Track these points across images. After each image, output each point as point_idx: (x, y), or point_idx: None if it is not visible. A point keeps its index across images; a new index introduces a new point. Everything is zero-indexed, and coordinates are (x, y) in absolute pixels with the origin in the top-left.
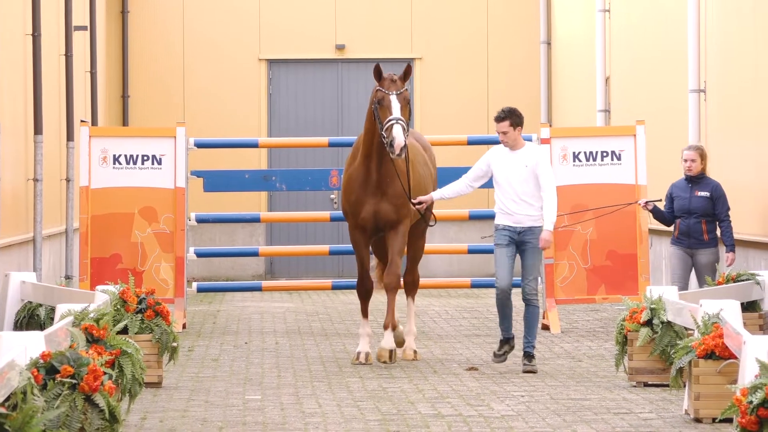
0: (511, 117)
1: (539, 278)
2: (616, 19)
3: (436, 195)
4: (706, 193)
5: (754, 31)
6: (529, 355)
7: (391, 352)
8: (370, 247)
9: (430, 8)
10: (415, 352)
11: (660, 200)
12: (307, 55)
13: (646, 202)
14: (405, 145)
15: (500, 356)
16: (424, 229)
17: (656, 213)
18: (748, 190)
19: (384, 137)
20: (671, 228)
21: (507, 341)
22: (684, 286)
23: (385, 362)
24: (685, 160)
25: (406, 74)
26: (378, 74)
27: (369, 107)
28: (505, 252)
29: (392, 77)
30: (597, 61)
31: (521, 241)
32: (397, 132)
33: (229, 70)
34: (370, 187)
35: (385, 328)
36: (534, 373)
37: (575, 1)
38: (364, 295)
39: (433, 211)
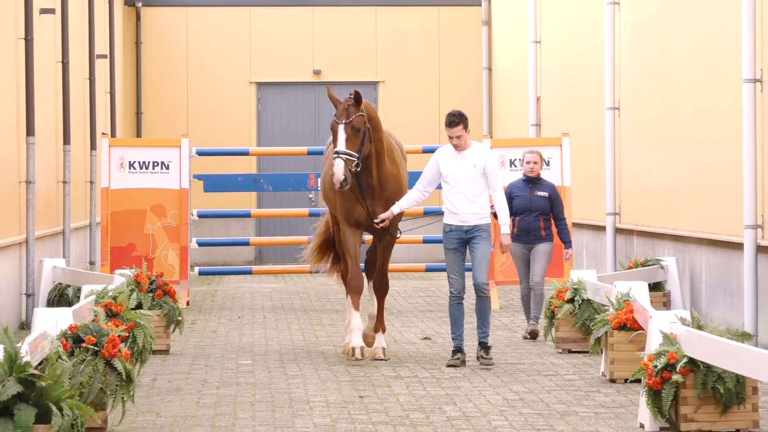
0: (463, 120)
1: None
2: (545, 49)
3: (395, 209)
4: (545, 193)
5: (661, 56)
6: (485, 347)
7: (383, 349)
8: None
9: (392, 39)
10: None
11: None
12: (290, 78)
13: (491, 207)
14: (345, 179)
15: (453, 363)
16: (391, 240)
17: (496, 213)
18: (654, 191)
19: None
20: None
21: (459, 350)
22: (527, 281)
23: (380, 359)
24: (528, 162)
25: (357, 100)
26: (333, 101)
27: None
28: (457, 256)
29: (345, 105)
30: (530, 83)
31: (469, 239)
32: (337, 167)
33: (225, 91)
34: (367, 190)
35: (375, 331)
36: (491, 365)
37: (511, 33)
38: (358, 289)
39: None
